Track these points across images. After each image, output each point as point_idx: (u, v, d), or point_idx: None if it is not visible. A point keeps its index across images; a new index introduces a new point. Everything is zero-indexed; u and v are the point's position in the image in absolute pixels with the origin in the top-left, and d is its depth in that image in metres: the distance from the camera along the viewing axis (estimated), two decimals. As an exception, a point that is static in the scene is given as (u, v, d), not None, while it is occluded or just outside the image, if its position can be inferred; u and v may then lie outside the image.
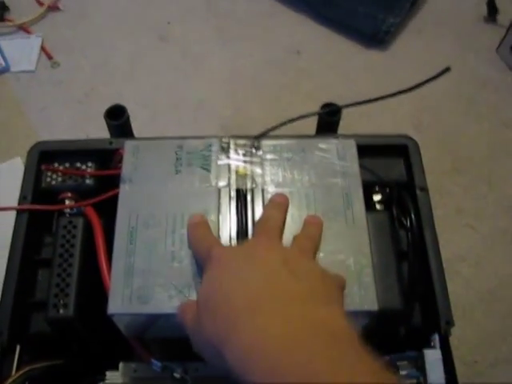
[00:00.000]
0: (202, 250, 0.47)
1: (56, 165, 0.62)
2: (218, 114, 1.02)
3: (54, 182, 0.62)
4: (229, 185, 0.53)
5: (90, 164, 0.62)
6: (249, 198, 0.53)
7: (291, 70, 1.08)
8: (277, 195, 0.52)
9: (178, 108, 1.03)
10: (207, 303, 0.41)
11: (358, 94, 0.63)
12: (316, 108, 0.65)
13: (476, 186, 0.96)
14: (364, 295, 0.48)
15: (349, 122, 0.96)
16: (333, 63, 1.09)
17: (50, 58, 1.09)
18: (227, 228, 0.51)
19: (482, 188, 0.96)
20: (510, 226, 0.92)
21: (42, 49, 1.10)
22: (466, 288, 0.87)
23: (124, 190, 0.53)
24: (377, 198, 0.61)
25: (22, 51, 1.10)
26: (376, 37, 1.10)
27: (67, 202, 0.60)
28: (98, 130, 0.69)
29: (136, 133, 0.71)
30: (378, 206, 0.61)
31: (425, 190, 0.62)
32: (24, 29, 1.13)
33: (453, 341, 0.56)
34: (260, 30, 1.14)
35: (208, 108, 1.03)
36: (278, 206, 0.51)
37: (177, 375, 0.50)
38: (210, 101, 1.04)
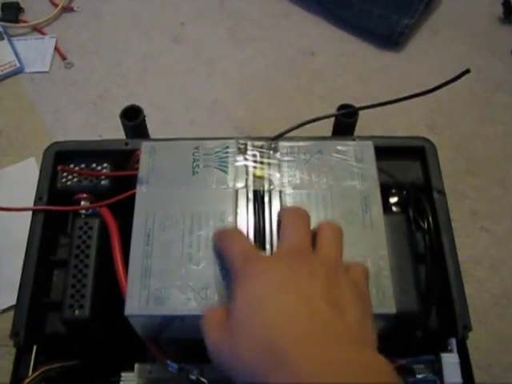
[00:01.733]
0: (237, 257, 0.44)
1: (72, 165, 0.62)
2: (232, 115, 1.02)
3: (69, 183, 0.62)
4: (246, 186, 0.53)
5: (105, 165, 0.63)
6: (266, 199, 0.53)
7: (305, 71, 1.08)
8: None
9: (191, 109, 1.03)
10: (246, 329, 0.39)
11: (372, 95, 0.63)
12: (330, 110, 0.65)
13: (491, 188, 0.95)
14: (382, 298, 0.48)
15: (363, 123, 0.96)
16: (347, 65, 1.09)
17: (63, 58, 1.09)
18: (245, 229, 0.51)
19: (496, 190, 0.95)
20: (525, 228, 0.91)
21: (56, 50, 1.10)
22: (480, 291, 0.86)
23: (141, 192, 0.53)
24: (393, 200, 0.61)
25: (36, 52, 1.10)
26: (390, 38, 1.09)
27: (83, 202, 0.60)
28: (112, 131, 0.70)
29: (150, 134, 0.71)
30: (394, 209, 0.61)
31: (442, 192, 0.61)
32: (38, 30, 1.14)
33: (467, 345, 0.56)
34: (274, 32, 1.13)
35: (221, 109, 1.03)
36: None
37: (193, 377, 0.50)
38: (223, 102, 1.04)
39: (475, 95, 1.05)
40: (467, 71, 0.52)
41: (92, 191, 0.61)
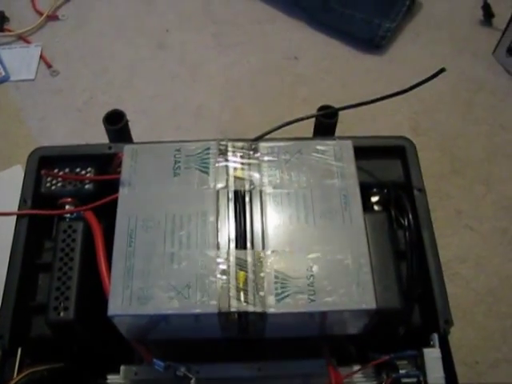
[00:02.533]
0: None
1: (56, 170, 0.62)
2: (217, 119, 1.03)
3: (53, 187, 0.63)
4: (227, 186, 0.54)
5: (89, 169, 0.63)
6: (247, 199, 0.53)
7: (289, 75, 1.09)
8: None
9: (176, 115, 1.04)
10: None
11: (356, 99, 0.64)
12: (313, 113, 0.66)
13: (475, 187, 0.96)
14: (362, 294, 0.48)
15: (347, 126, 0.97)
16: (330, 69, 1.10)
17: (49, 66, 1.10)
18: (226, 229, 0.51)
19: (480, 189, 0.96)
20: (509, 226, 0.92)
21: (42, 58, 1.11)
22: (466, 289, 0.87)
23: (123, 194, 0.54)
24: (375, 199, 0.62)
25: (22, 60, 1.10)
26: (372, 42, 1.11)
27: (67, 207, 0.61)
28: (98, 138, 0.70)
29: (136, 140, 0.71)
30: (376, 207, 0.62)
31: (422, 190, 0.62)
32: (23, 38, 1.14)
33: (453, 342, 0.56)
34: (257, 37, 1.14)
35: (207, 114, 1.04)
36: None
37: (180, 373, 0.50)
38: (208, 107, 1.04)
39: (458, 96, 1.07)
40: (443, 70, 0.53)
41: (76, 195, 0.61)
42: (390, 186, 0.61)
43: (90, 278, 0.54)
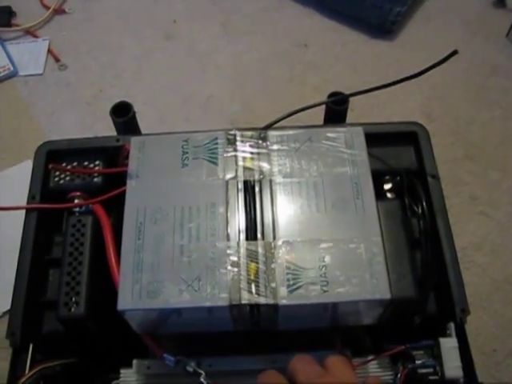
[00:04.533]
0: None
1: (64, 164, 0.62)
2: (227, 109, 1.02)
3: (62, 182, 0.62)
4: (236, 177, 0.53)
5: (97, 162, 0.63)
6: (257, 189, 0.52)
7: (298, 63, 1.07)
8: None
9: (186, 106, 1.03)
10: None
11: (366, 85, 0.63)
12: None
13: (489, 173, 0.95)
14: (376, 284, 0.47)
15: (357, 113, 0.96)
16: (340, 55, 1.08)
17: (57, 60, 1.09)
18: (236, 220, 0.50)
19: (495, 175, 0.94)
20: (525, 212, 0.91)
21: (49, 52, 1.10)
22: (482, 277, 0.86)
23: (131, 186, 0.53)
24: (387, 186, 0.61)
25: (30, 55, 1.10)
26: (383, 27, 1.09)
27: (76, 200, 0.60)
28: (108, 131, 0.69)
29: (145, 132, 0.70)
30: (389, 195, 0.61)
31: (436, 177, 0.61)
32: (31, 33, 1.14)
33: (471, 330, 0.55)
34: (266, 25, 1.13)
35: (216, 104, 1.03)
36: None
37: (190, 369, 0.50)
38: (218, 97, 1.04)
39: (471, 80, 1.05)
40: (455, 52, 0.51)
41: (85, 189, 0.61)
42: (403, 173, 0.60)
43: (100, 272, 0.53)
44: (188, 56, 1.10)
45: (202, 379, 0.49)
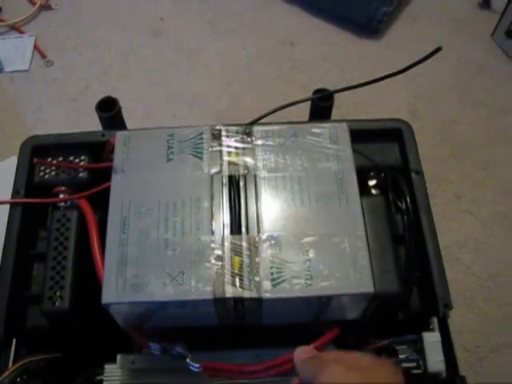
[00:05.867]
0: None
1: (49, 159, 0.62)
2: (213, 107, 1.02)
3: (47, 176, 0.62)
4: (221, 171, 0.53)
5: (83, 157, 0.62)
6: (241, 183, 0.52)
7: (285, 61, 1.08)
8: None
9: (173, 103, 1.03)
10: None
11: (353, 83, 0.63)
12: (310, 98, 0.65)
13: (474, 172, 0.96)
14: (360, 278, 0.48)
15: (345, 111, 0.96)
16: (327, 54, 1.09)
17: (43, 56, 1.09)
18: (220, 215, 0.50)
19: (480, 174, 0.95)
20: (509, 210, 0.92)
21: (36, 48, 1.10)
22: (466, 274, 0.87)
23: (116, 180, 0.53)
24: (372, 182, 0.61)
25: (16, 51, 1.10)
26: (369, 26, 1.10)
27: (61, 195, 0.60)
28: (94, 128, 0.69)
29: (132, 128, 0.70)
30: (373, 191, 0.61)
31: (420, 172, 0.61)
32: (17, 29, 1.13)
33: (454, 327, 0.56)
34: (253, 23, 1.13)
35: (203, 101, 1.03)
36: None
37: (174, 352, 0.50)
38: (204, 94, 1.04)
39: (457, 80, 1.06)
40: (439, 49, 0.52)
41: (70, 184, 0.60)
42: (387, 169, 0.60)
43: (85, 266, 0.53)
44: (175, 53, 1.10)
45: (188, 361, 0.49)
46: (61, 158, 0.62)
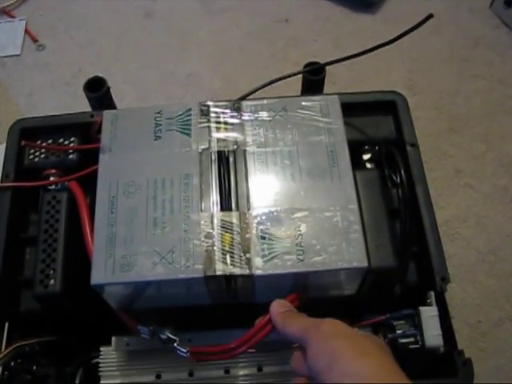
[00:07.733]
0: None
1: (39, 142, 0.61)
2: (208, 87, 1.00)
3: (36, 159, 0.61)
4: (210, 148, 0.52)
5: (72, 139, 0.62)
6: (231, 159, 0.51)
7: (280, 38, 1.06)
8: None
9: (166, 84, 1.01)
10: None
11: (349, 59, 0.62)
12: (305, 75, 0.64)
13: (474, 145, 0.94)
14: (353, 252, 0.47)
15: (341, 87, 0.95)
16: (322, 30, 1.07)
17: (34, 41, 1.07)
18: (210, 191, 0.50)
19: (479, 147, 0.94)
20: (509, 184, 0.90)
21: (27, 32, 1.08)
22: (467, 249, 0.85)
23: (103, 160, 0.52)
24: (366, 156, 0.60)
25: (7, 36, 1.08)
26: (365, 0, 1.07)
27: (51, 178, 0.59)
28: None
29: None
30: (368, 165, 0.60)
31: (415, 145, 0.60)
32: (7, 13, 1.11)
33: (456, 303, 0.55)
34: (247, 1, 1.11)
35: (197, 82, 1.01)
36: None
37: (164, 336, 0.49)
38: (198, 75, 1.02)
39: (454, 53, 1.04)
40: (430, 16, 0.50)
41: (60, 166, 0.60)
42: (382, 142, 0.59)
43: (76, 249, 0.52)
44: (168, 34, 1.08)
45: (175, 345, 0.49)
46: (50, 141, 0.61)
